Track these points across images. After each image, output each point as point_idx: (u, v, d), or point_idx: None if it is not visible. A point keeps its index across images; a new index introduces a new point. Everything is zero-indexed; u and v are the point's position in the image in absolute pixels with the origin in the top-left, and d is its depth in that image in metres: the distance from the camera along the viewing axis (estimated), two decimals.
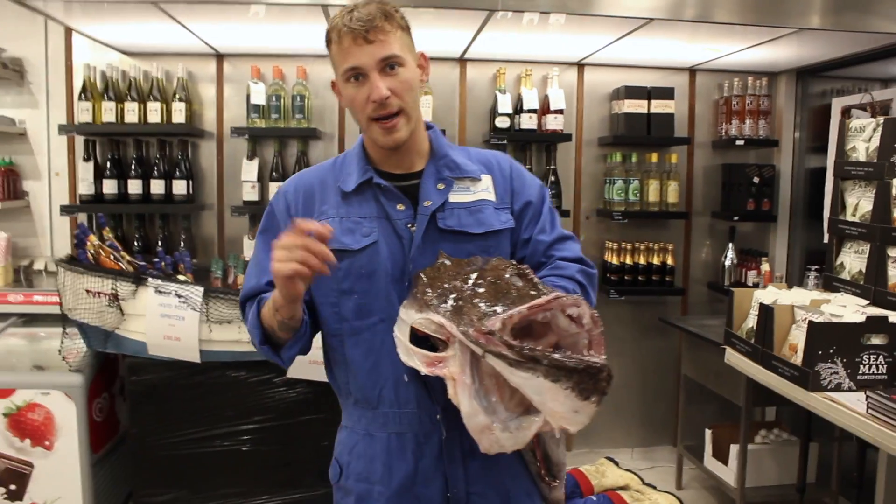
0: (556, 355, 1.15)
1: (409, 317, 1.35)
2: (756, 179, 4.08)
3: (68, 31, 3.95)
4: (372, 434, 1.57)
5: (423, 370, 1.31)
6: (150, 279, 3.04)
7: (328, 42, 1.51)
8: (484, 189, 1.61)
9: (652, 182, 4.04)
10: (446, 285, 1.34)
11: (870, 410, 2.18)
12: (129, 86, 3.86)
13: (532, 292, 1.26)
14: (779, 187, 4.23)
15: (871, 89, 3.88)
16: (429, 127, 1.69)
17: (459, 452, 1.52)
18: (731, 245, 4.16)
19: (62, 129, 3.82)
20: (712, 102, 4.27)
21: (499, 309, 1.22)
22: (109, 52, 3.96)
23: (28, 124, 4.09)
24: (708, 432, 3.66)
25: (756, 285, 3.93)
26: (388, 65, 1.47)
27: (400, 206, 1.55)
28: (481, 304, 1.25)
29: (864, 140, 2.84)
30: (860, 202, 2.86)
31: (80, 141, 3.96)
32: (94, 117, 3.82)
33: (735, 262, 4.14)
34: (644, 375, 4.35)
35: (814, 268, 3.52)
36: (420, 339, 1.34)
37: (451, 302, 1.29)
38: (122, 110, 3.83)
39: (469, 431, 1.28)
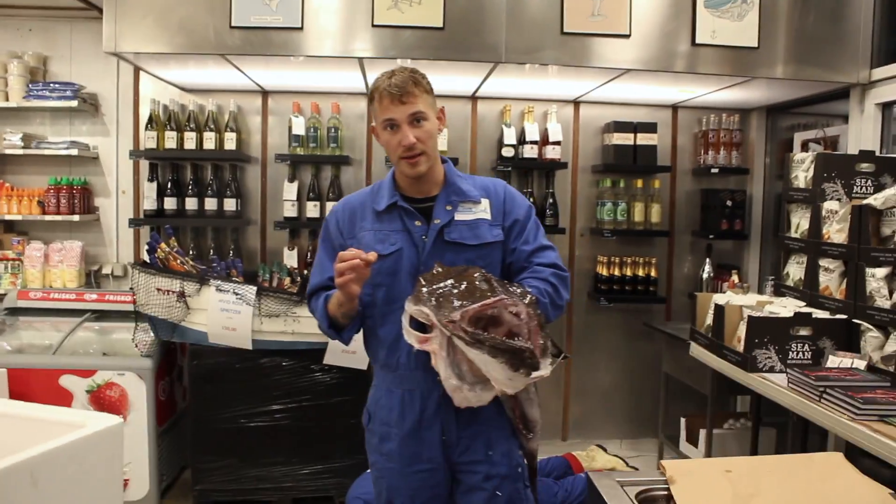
0: (495, 339, 1.71)
1: (408, 307, 1.85)
2: (729, 203, 4.68)
3: (136, 71, 4.61)
4: (391, 390, 2.14)
5: (416, 346, 1.86)
6: (212, 279, 3.67)
7: (371, 99, 2.07)
8: (483, 210, 2.13)
9: (637, 204, 4.64)
10: (434, 286, 1.83)
11: (790, 384, 2.75)
12: (188, 118, 4.50)
13: (489, 294, 1.80)
14: (751, 209, 4.82)
15: (831, 124, 4.47)
16: (444, 161, 2.20)
17: (453, 406, 1.99)
18: (708, 260, 4.74)
19: (132, 153, 4.48)
20: (692, 135, 4.87)
21: (465, 304, 1.75)
22: (170, 88, 4.62)
23: (100, 150, 4.76)
24: (682, 420, 4.23)
25: None
26: (416, 119, 2.01)
27: (417, 223, 2.09)
28: (454, 301, 1.77)
29: (804, 170, 3.42)
30: (801, 221, 3.44)
31: (144, 164, 4.60)
32: (158, 144, 4.46)
33: (711, 274, 4.72)
34: (631, 374, 4.93)
35: (771, 278, 4.10)
36: (419, 324, 1.85)
37: (435, 299, 1.79)
38: (182, 138, 4.47)
39: (445, 390, 1.89)
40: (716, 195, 4.73)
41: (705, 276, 4.72)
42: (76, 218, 4.54)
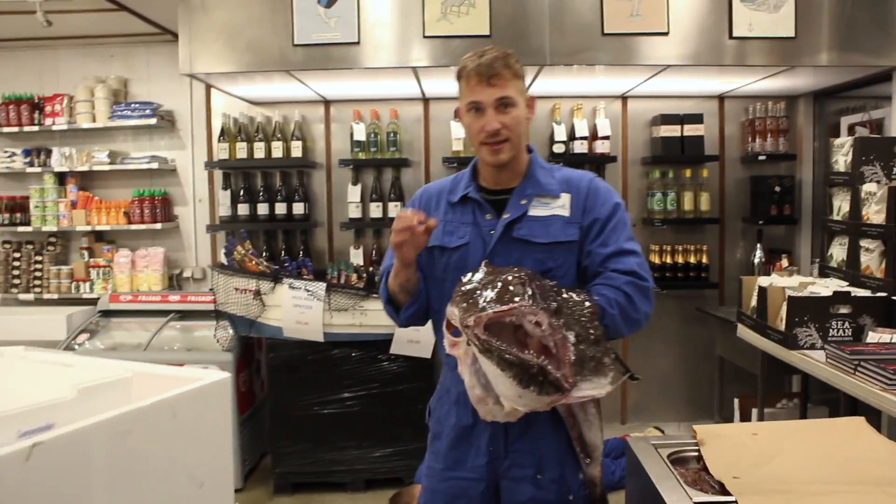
0: (504, 349, 1.52)
1: (448, 309, 1.67)
2: (778, 188, 4.77)
3: (208, 88, 4.96)
4: (450, 390, 2.03)
5: (448, 350, 1.71)
6: (285, 278, 3.98)
7: (458, 77, 1.93)
8: (561, 206, 1.94)
9: (687, 193, 4.78)
10: (468, 287, 1.66)
11: (828, 360, 2.89)
12: (257, 129, 4.83)
13: (515, 298, 1.58)
14: (801, 194, 4.90)
15: (879, 106, 4.53)
16: (530, 150, 2.04)
17: None
18: (759, 245, 4.85)
19: (207, 164, 4.84)
20: (739, 123, 4.98)
21: (487, 308, 1.56)
22: (239, 102, 4.96)
23: (177, 162, 5.15)
24: (736, 401, 4.36)
25: None
26: (503, 103, 1.86)
27: (488, 216, 1.95)
28: (479, 304, 1.57)
29: (844, 154, 3.54)
30: (842, 204, 3.56)
31: (218, 174, 4.95)
32: (231, 155, 4.79)
33: (763, 259, 4.82)
34: (686, 358, 5.07)
35: (818, 260, 4.20)
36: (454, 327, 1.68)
37: (465, 300, 1.61)
38: (252, 148, 4.79)
39: (470, 400, 1.73)
40: (764, 181, 4.83)
41: (756, 261, 4.82)
42: (158, 226, 4.93)
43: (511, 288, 1.61)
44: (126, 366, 1.04)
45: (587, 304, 1.74)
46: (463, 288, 1.68)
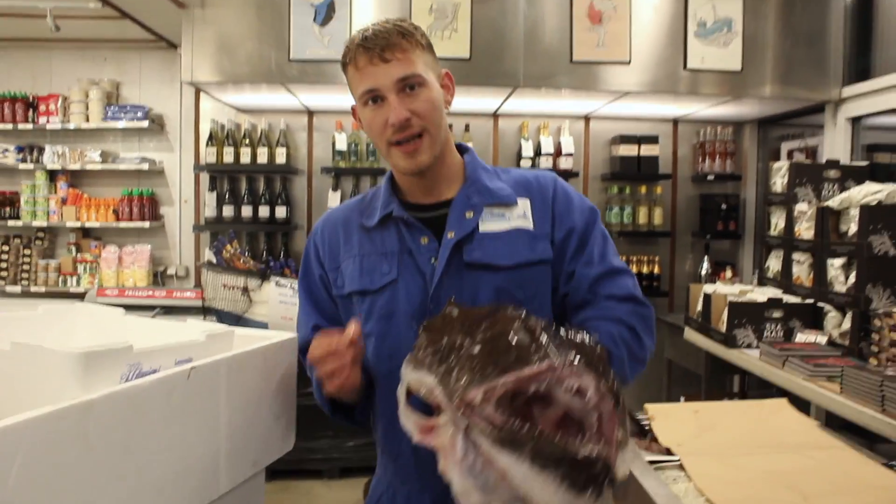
0: (543, 439, 0.97)
1: (406, 373, 1.15)
2: (724, 206, 5.23)
3: (197, 94, 5.23)
4: (395, 487, 1.50)
5: (415, 437, 1.12)
6: (272, 276, 4.28)
7: (344, 65, 1.44)
8: (520, 215, 1.46)
9: (642, 208, 5.21)
10: (445, 340, 1.12)
11: (761, 356, 3.31)
12: (244, 135, 5.11)
13: (532, 353, 1.04)
14: (745, 211, 5.37)
15: (816, 134, 5.01)
16: (464, 150, 1.57)
17: None
18: (706, 257, 5.29)
19: (196, 167, 5.11)
20: (691, 145, 5.43)
21: (491, 373, 1.04)
22: (227, 108, 5.24)
23: (165, 164, 5.41)
24: (682, 399, 4.78)
25: None
26: (408, 85, 1.37)
27: (423, 240, 1.43)
28: (474, 366, 1.05)
29: (781, 177, 3.98)
30: (778, 221, 4.00)
31: (204, 177, 5.23)
32: (218, 159, 5.06)
33: (710, 270, 5.26)
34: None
35: (758, 270, 4.65)
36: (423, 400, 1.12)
37: (443, 361, 1.09)
38: (238, 153, 5.07)
39: None
40: (712, 199, 5.28)
41: (704, 271, 5.26)
42: (146, 224, 5.18)
43: (514, 336, 1.06)
44: (219, 325, 1.37)
45: (594, 345, 1.14)
46: (431, 345, 1.13)
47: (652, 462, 2.04)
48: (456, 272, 1.41)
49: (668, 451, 2.10)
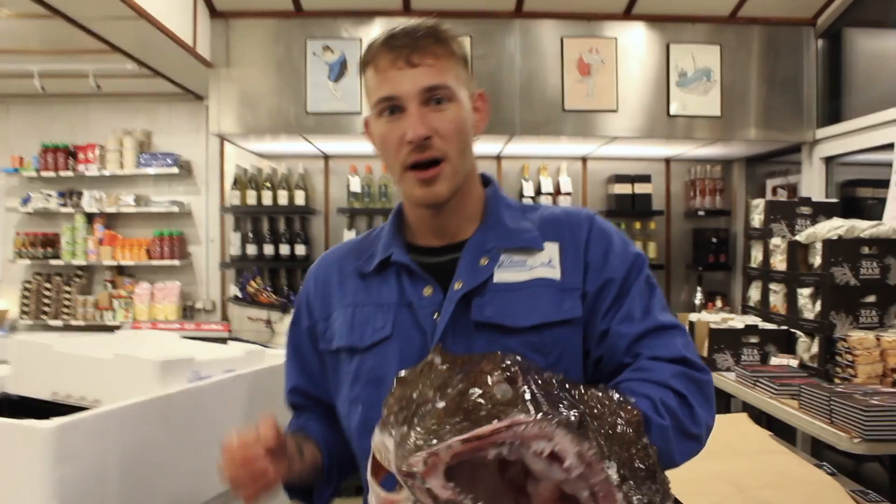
0: None
1: (374, 437, 0.93)
2: (714, 240, 5.57)
3: (222, 142, 5.65)
4: None
5: None
6: (292, 309, 4.66)
7: (364, 64, 1.23)
8: (545, 263, 1.23)
9: (637, 243, 5.55)
10: (415, 395, 0.90)
11: (737, 378, 3.64)
12: (265, 179, 5.53)
13: (500, 410, 0.81)
14: (735, 245, 5.70)
15: (798, 172, 5.36)
16: (486, 181, 1.36)
17: None
18: (699, 288, 5.62)
19: (222, 209, 5.53)
20: (683, 183, 5.79)
21: (442, 432, 0.81)
22: (249, 154, 5.67)
23: (193, 206, 5.84)
24: None
25: None
26: (435, 98, 1.17)
27: (426, 290, 1.22)
28: (430, 427, 0.83)
29: (759, 213, 4.32)
30: (757, 254, 4.34)
31: (229, 218, 5.65)
32: (242, 201, 5.47)
33: (702, 300, 5.58)
34: None
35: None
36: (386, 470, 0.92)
37: (406, 421, 0.87)
38: (260, 196, 5.48)
39: None
40: (704, 233, 5.63)
41: (697, 301, 5.58)
42: (176, 262, 5.60)
43: (490, 389, 0.84)
44: (254, 346, 1.74)
45: (623, 409, 0.90)
46: (399, 402, 0.92)
47: None
48: (462, 332, 1.17)
49: None
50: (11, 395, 1.41)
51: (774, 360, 3.77)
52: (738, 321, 4.15)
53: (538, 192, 5.52)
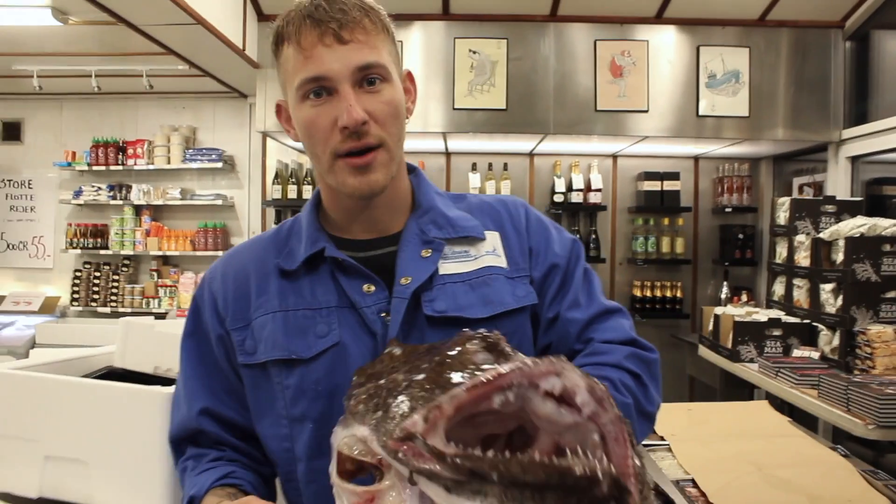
0: (516, 461, 0.65)
1: (335, 439, 0.82)
2: (741, 236, 5.70)
3: (264, 138, 5.90)
4: None
5: None
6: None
7: (278, 42, 1.10)
8: (490, 252, 1.19)
9: (665, 238, 5.71)
10: (382, 382, 0.83)
11: (759, 369, 3.79)
12: (305, 174, 5.76)
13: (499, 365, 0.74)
14: (761, 241, 5.83)
15: (824, 170, 5.47)
16: (411, 170, 1.28)
17: None
18: (725, 283, 5.76)
19: (264, 203, 5.76)
20: (711, 180, 5.92)
21: (432, 393, 0.74)
22: (290, 150, 5.90)
23: (235, 199, 6.08)
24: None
25: None
26: (368, 78, 1.07)
27: (368, 288, 1.11)
28: (415, 395, 0.75)
29: (784, 211, 4.46)
30: (782, 251, 4.47)
31: (270, 211, 5.88)
32: (283, 195, 5.71)
33: (728, 294, 5.73)
34: (663, 377, 5.94)
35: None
36: (358, 472, 0.79)
37: (380, 406, 0.78)
38: (301, 190, 5.70)
39: None
40: (730, 230, 5.76)
41: (723, 296, 5.73)
42: (219, 253, 5.84)
43: (471, 356, 0.79)
44: None
45: (596, 385, 0.79)
46: (365, 392, 0.83)
47: (646, 445, 2.56)
48: (416, 330, 1.10)
49: (662, 439, 2.63)
50: (117, 369, 1.62)
51: (796, 353, 3.92)
52: (762, 314, 4.30)
53: (569, 188, 5.68)
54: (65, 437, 1.31)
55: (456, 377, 0.74)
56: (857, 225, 3.77)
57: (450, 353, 0.80)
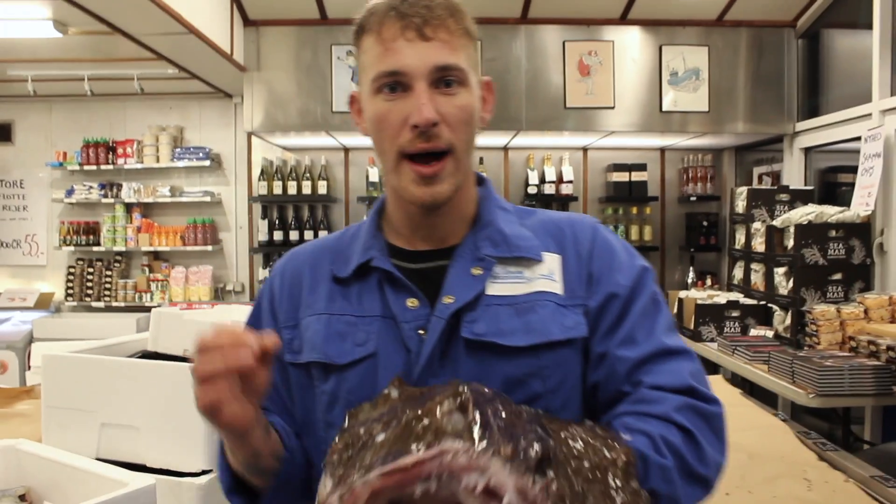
0: None
1: (321, 484, 0.82)
2: (705, 223, 6.03)
3: (249, 136, 6.09)
4: None
5: None
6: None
7: (360, 32, 1.06)
8: (546, 275, 1.08)
9: (634, 227, 6.02)
10: (361, 431, 0.82)
11: (718, 347, 4.11)
12: (290, 170, 5.98)
13: (445, 441, 0.72)
14: (724, 228, 6.15)
15: (781, 160, 5.80)
16: (480, 181, 1.19)
17: None
18: (691, 268, 6.09)
19: (250, 199, 5.98)
20: (677, 171, 6.24)
21: (374, 466, 0.73)
22: (275, 147, 6.13)
23: (223, 196, 6.31)
24: None
25: None
26: (445, 79, 1.02)
27: (412, 303, 1.06)
28: (360, 465, 0.76)
29: (742, 200, 4.78)
30: (740, 237, 4.80)
31: (257, 206, 6.10)
32: (269, 191, 5.93)
33: (694, 279, 6.05)
34: None
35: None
36: None
37: (348, 461, 0.79)
38: (286, 186, 5.93)
39: None
40: (695, 217, 6.08)
41: (689, 280, 6.06)
42: (208, 248, 6.08)
43: (438, 419, 0.75)
44: None
45: (611, 448, 0.83)
46: (343, 441, 0.83)
47: None
48: (451, 352, 1.04)
49: None
50: (150, 352, 1.89)
51: (753, 332, 4.25)
52: (723, 297, 4.62)
53: (542, 180, 5.97)
54: (118, 407, 1.58)
55: (412, 446, 0.72)
56: (806, 213, 4.10)
57: (419, 412, 0.76)
